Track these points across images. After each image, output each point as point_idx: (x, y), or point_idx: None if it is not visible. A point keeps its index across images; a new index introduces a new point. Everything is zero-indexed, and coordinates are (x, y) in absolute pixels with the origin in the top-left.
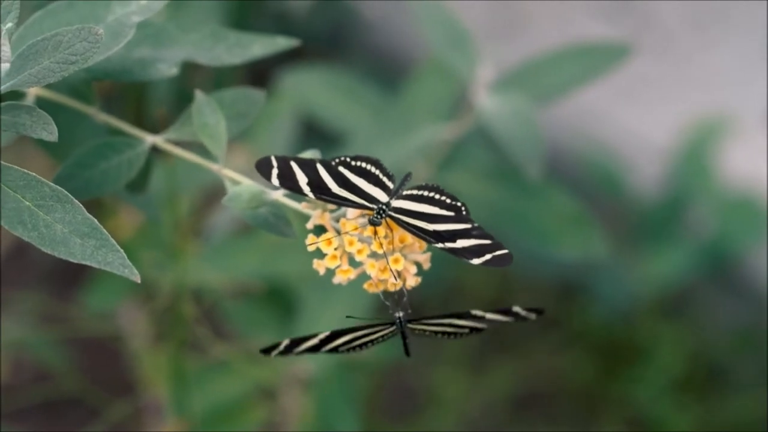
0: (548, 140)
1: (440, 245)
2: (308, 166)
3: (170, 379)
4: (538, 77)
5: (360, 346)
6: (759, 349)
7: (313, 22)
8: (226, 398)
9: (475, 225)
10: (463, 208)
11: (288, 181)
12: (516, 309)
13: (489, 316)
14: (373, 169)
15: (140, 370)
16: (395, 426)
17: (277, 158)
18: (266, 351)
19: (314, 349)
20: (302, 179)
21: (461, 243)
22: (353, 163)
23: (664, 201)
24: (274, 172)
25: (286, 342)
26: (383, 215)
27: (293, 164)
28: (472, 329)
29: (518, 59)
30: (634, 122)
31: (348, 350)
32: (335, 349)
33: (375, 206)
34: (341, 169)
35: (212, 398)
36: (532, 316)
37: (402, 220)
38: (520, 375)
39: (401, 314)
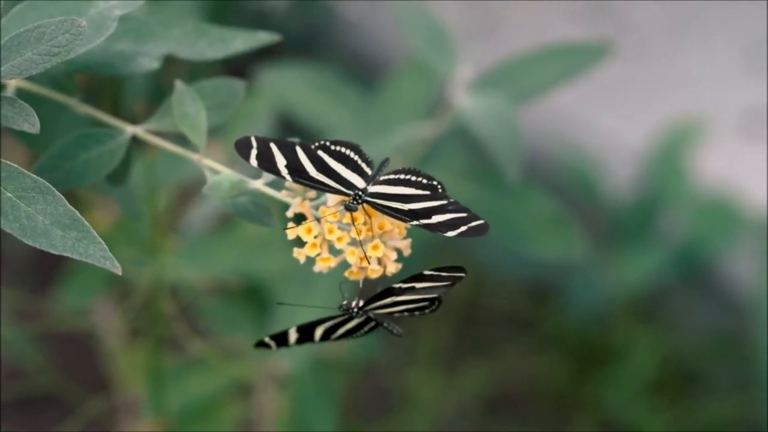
0: (526, 143)
1: (415, 222)
2: (288, 148)
3: (146, 376)
4: (517, 77)
5: (340, 336)
6: (733, 353)
7: (291, 21)
8: (202, 396)
9: (451, 200)
10: (438, 186)
11: (266, 163)
12: (430, 272)
13: (413, 285)
14: (352, 155)
15: (116, 368)
16: (369, 426)
17: (257, 139)
18: (259, 345)
19: (301, 340)
20: (281, 161)
21: (436, 218)
22: (333, 147)
23: (638, 204)
24: (253, 152)
25: (269, 340)
26: (359, 201)
27: (273, 146)
28: (426, 303)
29: (494, 60)
30: (610, 125)
31: (334, 339)
32: (323, 338)
33: (352, 192)
34: (320, 153)
35: (188, 396)
36: (457, 274)
37: (377, 203)
38: (494, 377)
39: (354, 302)
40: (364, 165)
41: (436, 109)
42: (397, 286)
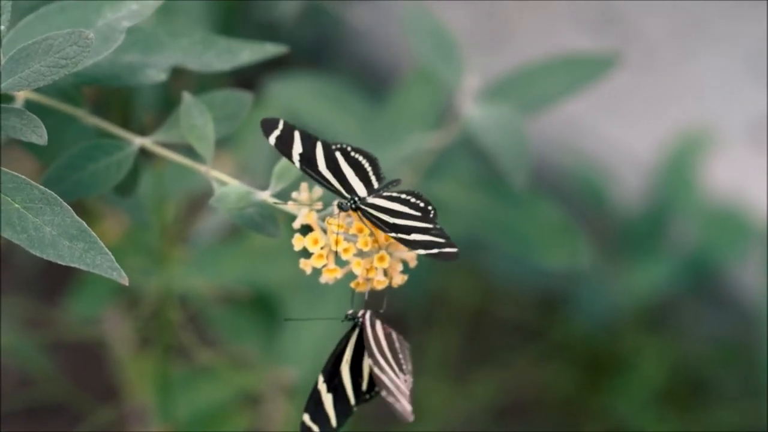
0: (533, 152)
1: (393, 235)
2: (308, 140)
3: (155, 385)
4: (525, 87)
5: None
6: (741, 362)
7: (300, 31)
8: (210, 405)
9: (437, 226)
10: (432, 212)
11: (283, 145)
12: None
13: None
14: (366, 165)
15: (124, 376)
16: None
17: (284, 123)
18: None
19: (340, 409)
20: (297, 148)
21: (415, 236)
22: (351, 153)
23: (647, 213)
24: (276, 133)
25: (310, 421)
26: (353, 206)
27: (296, 133)
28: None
29: (503, 70)
30: (618, 134)
31: (367, 394)
32: (356, 395)
33: (350, 197)
34: (337, 154)
35: (196, 405)
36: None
37: (368, 212)
38: (501, 386)
39: (361, 312)
40: (373, 178)
41: (443, 119)
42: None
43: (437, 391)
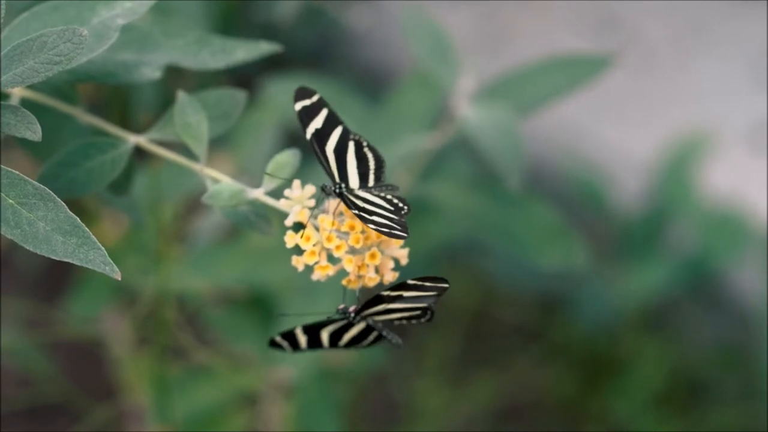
0: (532, 155)
1: (356, 212)
2: (331, 121)
3: (152, 384)
4: (521, 88)
5: (347, 344)
6: (740, 364)
7: (298, 33)
8: (208, 404)
9: (398, 219)
10: (403, 209)
11: (305, 116)
12: (413, 282)
13: (400, 293)
14: (371, 163)
15: (122, 376)
16: None
17: (320, 98)
18: (272, 345)
19: (311, 344)
20: (316, 124)
21: (375, 218)
22: (364, 147)
23: (646, 216)
24: (305, 102)
25: (281, 339)
26: (336, 192)
27: (324, 110)
28: (418, 312)
29: (500, 71)
30: (618, 138)
31: (341, 346)
32: (331, 344)
33: (338, 182)
34: (350, 143)
35: (194, 404)
36: (440, 285)
37: (348, 198)
38: (501, 388)
39: (352, 308)
40: (372, 177)
41: (440, 120)
42: (385, 293)
43: (437, 392)
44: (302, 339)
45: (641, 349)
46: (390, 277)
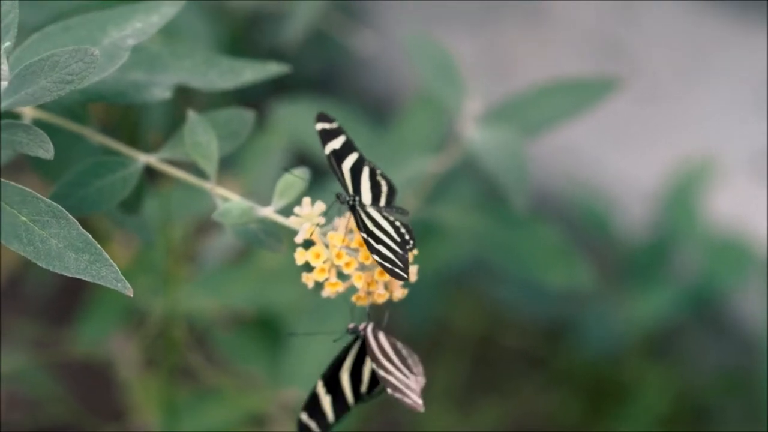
0: (537, 181)
1: (364, 236)
2: (349, 148)
3: (160, 406)
4: (525, 111)
5: (370, 387)
6: (744, 390)
7: (305, 58)
8: (216, 425)
9: (405, 255)
10: (409, 244)
11: (326, 137)
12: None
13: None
14: (384, 188)
15: (131, 397)
16: None
17: (340, 125)
18: (301, 429)
19: (338, 408)
20: (334, 144)
21: (380, 248)
22: (377, 175)
23: (650, 242)
24: (325, 125)
25: (307, 419)
26: (350, 201)
27: (342, 136)
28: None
29: (505, 95)
30: (622, 165)
31: (367, 396)
32: (356, 395)
33: (354, 196)
34: (365, 166)
35: (203, 425)
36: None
37: (359, 214)
38: (507, 414)
39: (362, 326)
40: (383, 199)
41: (446, 143)
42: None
43: (443, 417)
44: (326, 401)
45: (645, 375)
46: (399, 293)
